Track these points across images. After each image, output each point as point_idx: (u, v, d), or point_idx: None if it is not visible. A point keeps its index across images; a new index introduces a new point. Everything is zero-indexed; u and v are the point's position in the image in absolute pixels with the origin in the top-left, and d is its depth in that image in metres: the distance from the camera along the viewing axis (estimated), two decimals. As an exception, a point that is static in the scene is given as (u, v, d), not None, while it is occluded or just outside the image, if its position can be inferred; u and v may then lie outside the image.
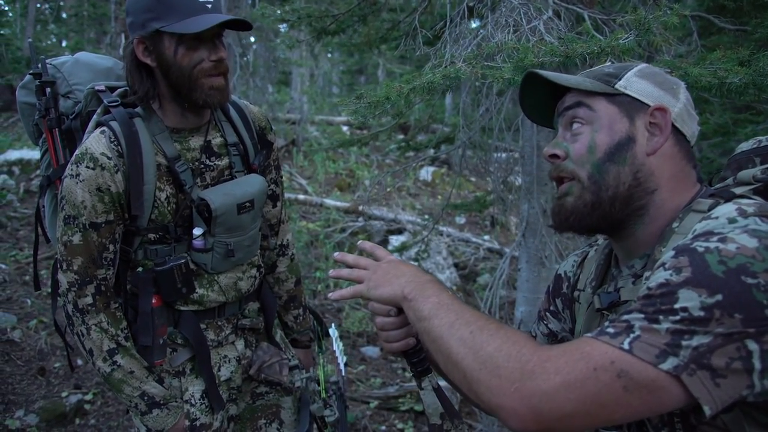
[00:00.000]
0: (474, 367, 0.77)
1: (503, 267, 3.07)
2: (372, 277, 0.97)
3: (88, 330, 1.43)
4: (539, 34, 1.88)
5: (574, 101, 0.95)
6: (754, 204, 0.81)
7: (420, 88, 1.79)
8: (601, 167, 0.91)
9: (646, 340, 0.70)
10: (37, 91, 1.56)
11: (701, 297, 0.69)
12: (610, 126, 0.91)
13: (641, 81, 0.94)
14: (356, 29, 3.26)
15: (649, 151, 0.90)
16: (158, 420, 1.49)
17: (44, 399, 3.27)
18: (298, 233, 5.87)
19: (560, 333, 1.18)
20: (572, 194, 0.93)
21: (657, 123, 0.91)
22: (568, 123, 0.96)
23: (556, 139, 0.97)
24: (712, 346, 0.68)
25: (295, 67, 10.89)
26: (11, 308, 4.00)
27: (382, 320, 0.99)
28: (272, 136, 1.69)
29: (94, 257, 1.40)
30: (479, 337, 0.79)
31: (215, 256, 1.51)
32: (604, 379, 0.70)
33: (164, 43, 1.33)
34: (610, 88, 0.93)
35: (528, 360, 0.74)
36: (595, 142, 0.91)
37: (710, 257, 0.71)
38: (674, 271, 0.73)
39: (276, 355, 1.66)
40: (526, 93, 1.03)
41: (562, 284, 1.17)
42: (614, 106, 0.92)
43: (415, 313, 0.89)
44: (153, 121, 1.43)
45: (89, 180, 1.36)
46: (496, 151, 3.64)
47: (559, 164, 0.95)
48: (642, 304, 0.74)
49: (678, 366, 0.68)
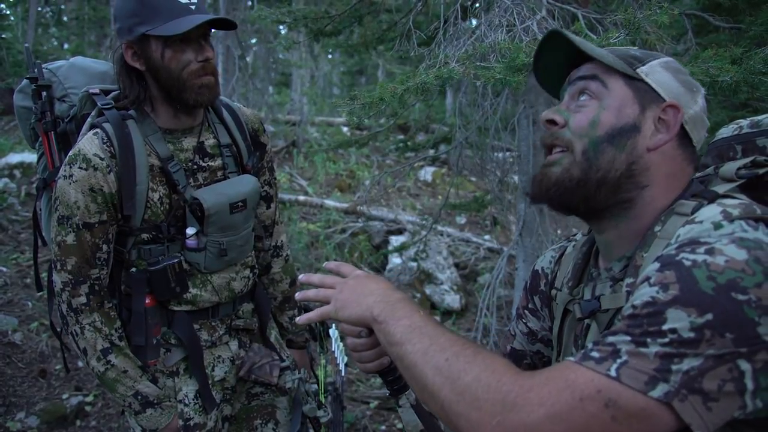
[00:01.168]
0: (452, 399, 0.72)
1: (501, 266, 3.08)
2: (339, 297, 0.92)
3: (82, 329, 1.44)
4: (533, 34, 1.89)
5: (590, 73, 0.89)
6: (738, 205, 0.77)
7: (414, 89, 1.80)
8: (598, 146, 0.86)
9: (634, 366, 0.66)
10: (34, 94, 1.58)
11: (690, 317, 0.65)
12: (619, 108, 0.86)
13: (664, 73, 0.88)
14: (353, 30, 3.27)
15: (650, 145, 0.86)
16: (152, 419, 1.50)
17: (45, 401, 3.28)
18: (299, 234, 5.88)
19: (540, 332, 1.14)
20: (560, 165, 0.88)
21: (666, 120, 0.86)
22: (576, 93, 0.91)
23: (558, 106, 0.92)
24: (703, 369, 0.65)
25: (295, 68, 10.90)
26: (12, 311, 4.01)
27: (353, 341, 0.96)
28: (265, 138, 1.70)
29: (88, 257, 1.42)
30: (456, 365, 0.74)
31: (208, 256, 1.52)
32: (591, 409, 0.66)
33: (151, 47, 1.35)
34: (631, 71, 0.88)
35: (509, 390, 0.69)
36: (599, 118, 0.86)
37: (698, 272, 0.67)
38: (661, 288, 0.69)
39: (267, 356, 1.67)
40: (543, 53, 0.96)
41: (540, 281, 1.13)
42: (630, 90, 0.87)
43: (386, 337, 0.83)
44: (146, 123, 1.45)
45: (82, 180, 1.37)
46: (493, 151, 3.65)
47: (556, 131, 0.90)
48: (627, 324, 0.69)
49: (669, 392, 0.65)
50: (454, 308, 4.99)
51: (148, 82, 1.42)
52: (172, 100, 1.42)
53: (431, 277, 5.19)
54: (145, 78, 1.42)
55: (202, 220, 1.48)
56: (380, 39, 3.34)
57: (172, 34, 1.30)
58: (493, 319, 3.35)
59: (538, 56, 0.97)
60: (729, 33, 2.71)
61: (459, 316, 4.98)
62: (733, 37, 2.63)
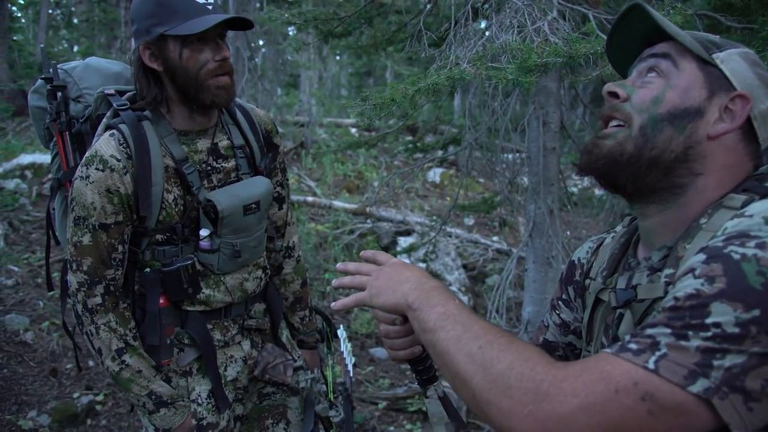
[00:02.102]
0: (484, 386, 0.71)
1: (510, 267, 3.07)
2: (374, 284, 0.92)
3: (97, 329, 1.45)
4: (543, 35, 1.88)
5: (664, 51, 0.87)
6: None
7: (425, 90, 1.80)
8: (657, 123, 0.83)
9: (674, 359, 0.64)
10: (49, 95, 1.59)
11: (736, 312, 0.63)
12: (686, 89, 0.84)
13: (742, 62, 0.85)
14: (362, 31, 3.27)
15: (711, 133, 0.83)
16: (165, 419, 1.51)
17: (56, 400, 3.30)
18: (307, 235, 5.89)
19: (572, 323, 1.12)
20: (615, 138, 0.86)
21: (733, 110, 0.83)
22: (645, 70, 0.89)
23: (624, 81, 0.90)
24: (747, 367, 0.62)
25: (303, 69, 10.94)
26: (24, 310, 4.05)
27: (386, 328, 0.96)
28: (278, 139, 1.71)
29: (104, 258, 1.43)
30: (489, 353, 0.73)
31: (222, 257, 1.53)
32: (627, 402, 0.64)
33: (169, 47, 1.36)
34: (707, 55, 0.85)
35: (542, 380, 0.68)
36: (664, 96, 0.84)
37: (747, 267, 0.64)
38: (706, 281, 0.66)
39: (280, 356, 1.68)
40: (618, 29, 0.93)
41: (575, 271, 1.10)
42: (701, 73, 0.85)
43: (420, 324, 0.83)
44: (161, 124, 1.46)
45: (99, 181, 1.38)
46: (503, 152, 3.64)
47: (616, 104, 0.87)
48: (668, 317, 0.67)
49: (709, 389, 0.62)
50: (463, 310, 4.97)
51: (164, 83, 1.43)
52: (188, 100, 1.43)
53: (440, 278, 5.19)
54: (162, 79, 1.43)
55: (216, 221, 1.48)
56: (390, 40, 3.34)
57: (190, 33, 1.32)
58: (502, 320, 3.35)
59: (613, 32, 0.95)
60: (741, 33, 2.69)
61: (467, 317, 4.97)
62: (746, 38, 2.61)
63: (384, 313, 0.93)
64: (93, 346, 1.48)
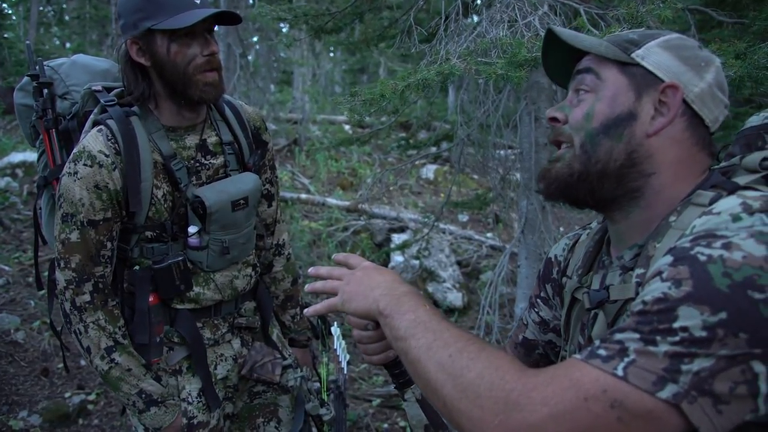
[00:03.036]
0: (454, 396, 0.71)
1: (503, 263, 3.07)
2: (346, 289, 0.92)
3: (86, 328, 1.43)
4: (534, 30, 1.88)
5: (585, 66, 0.88)
6: (760, 198, 0.73)
7: (415, 85, 1.79)
8: (594, 138, 0.85)
9: (642, 365, 0.64)
10: (35, 92, 1.57)
11: (703, 315, 0.63)
12: (613, 97, 0.85)
13: (663, 53, 0.85)
14: (354, 27, 3.26)
15: (650, 131, 0.83)
16: (155, 418, 1.50)
17: (47, 399, 3.28)
18: (301, 232, 5.88)
19: (552, 321, 1.12)
20: (563, 160, 0.88)
21: (666, 102, 0.83)
22: (575, 88, 0.90)
23: (562, 102, 0.92)
24: (715, 370, 0.62)
25: (296, 66, 10.90)
26: (15, 310, 4.02)
27: (360, 333, 0.95)
28: (267, 136, 1.69)
29: (92, 255, 1.41)
30: (459, 361, 0.72)
31: (211, 254, 1.52)
32: (596, 410, 0.64)
33: (157, 42, 1.35)
34: (625, 56, 0.85)
35: (512, 389, 0.67)
36: (593, 111, 0.85)
37: (713, 268, 0.64)
38: (673, 284, 0.66)
39: (269, 355, 1.67)
40: (548, 51, 0.95)
41: (552, 269, 1.11)
42: (624, 77, 0.85)
43: (391, 332, 0.82)
44: (149, 120, 1.44)
45: (87, 177, 1.37)
46: (495, 149, 3.64)
47: (558, 128, 0.89)
48: (637, 321, 0.67)
49: (677, 394, 0.62)
50: (457, 306, 4.98)
51: (152, 78, 1.42)
52: (176, 95, 1.42)
53: (433, 275, 5.19)
54: (150, 74, 1.41)
55: (204, 218, 1.47)
56: (381, 36, 3.33)
57: (177, 27, 1.31)
58: (495, 316, 3.35)
59: (545, 54, 0.97)
60: (732, 28, 2.69)
61: (461, 314, 4.98)
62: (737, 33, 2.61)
63: (356, 318, 0.92)
64: (82, 345, 1.46)
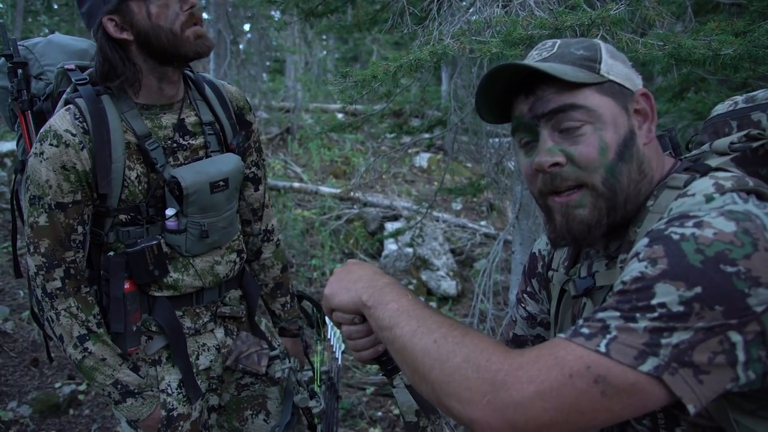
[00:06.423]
0: (442, 380, 0.72)
1: (497, 250, 3.04)
2: (327, 289, 0.93)
3: (58, 315, 1.38)
4: (529, 9, 1.83)
5: (564, 103, 0.82)
6: (731, 178, 0.77)
7: (407, 66, 1.75)
8: (614, 170, 0.82)
9: (623, 341, 0.66)
10: (9, 73, 1.51)
11: (679, 291, 0.66)
12: (614, 122, 0.82)
13: (615, 62, 0.86)
14: (345, 11, 3.19)
15: (646, 141, 0.85)
16: (132, 409, 1.45)
17: (37, 390, 3.24)
18: (294, 221, 5.83)
19: (539, 315, 1.14)
20: (585, 205, 0.83)
21: (641, 109, 0.86)
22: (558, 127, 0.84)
23: (544, 145, 0.84)
24: (693, 342, 0.65)
25: (288, 54, 10.78)
26: (4, 299, 3.97)
27: (348, 329, 0.95)
28: (251, 117, 1.64)
29: (62, 239, 1.36)
30: (444, 346, 0.74)
31: (189, 238, 1.46)
32: (581, 385, 0.66)
33: (133, 10, 1.28)
34: (596, 75, 0.83)
35: (498, 369, 0.69)
36: (605, 143, 0.81)
37: (686, 246, 0.67)
38: (649, 263, 0.69)
39: (255, 345, 1.62)
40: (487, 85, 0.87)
41: (537, 263, 1.13)
42: (607, 97, 0.83)
43: (376, 322, 0.84)
44: (122, 99, 1.38)
45: (53, 158, 1.31)
46: (488, 137, 3.60)
47: (558, 172, 0.83)
48: (617, 300, 0.70)
49: (659, 366, 0.65)
50: (451, 294, 4.96)
51: (131, 55, 1.35)
52: (165, 63, 1.35)
53: (427, 263, 5.16)
54: (129, 52, 1.34)
55: (181, 200, 1.42)
56: (374, 20, 3.26)
57: None
58: (489, 304, 3.32)
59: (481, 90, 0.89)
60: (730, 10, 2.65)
61: (455, 302, 4.96)
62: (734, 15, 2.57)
63: (342, 314, 0.93)
64: (54, 333, 1.41)
